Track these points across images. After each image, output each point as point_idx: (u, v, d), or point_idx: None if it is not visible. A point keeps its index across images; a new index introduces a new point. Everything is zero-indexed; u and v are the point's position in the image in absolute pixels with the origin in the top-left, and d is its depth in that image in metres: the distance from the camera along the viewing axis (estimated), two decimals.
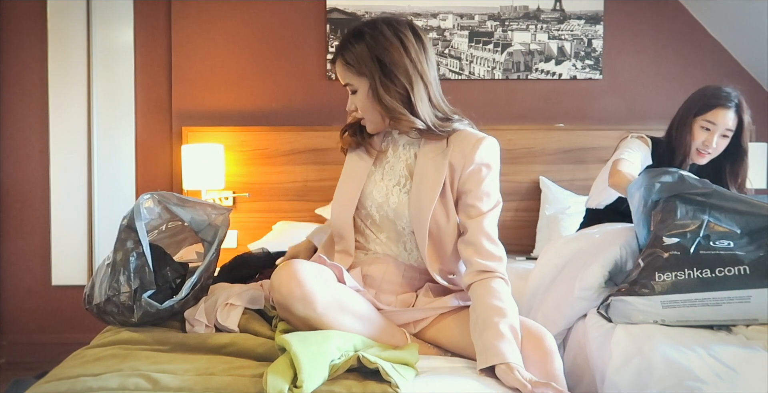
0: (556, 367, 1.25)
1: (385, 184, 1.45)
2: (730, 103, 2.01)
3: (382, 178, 1.46)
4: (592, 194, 2.25)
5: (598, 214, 2.17)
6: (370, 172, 1.47)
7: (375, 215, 1.45)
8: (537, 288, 1.95)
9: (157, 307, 1.30)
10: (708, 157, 2.05)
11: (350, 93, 1.43)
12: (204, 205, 1.48)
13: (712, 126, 2.01)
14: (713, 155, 2.06)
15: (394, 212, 1.42)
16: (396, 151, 1.48)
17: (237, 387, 1.07)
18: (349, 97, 1.43)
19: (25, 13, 2.96)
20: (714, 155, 2.06)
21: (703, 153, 2.04)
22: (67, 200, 2.97)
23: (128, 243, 1.34)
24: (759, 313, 1.49)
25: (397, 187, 1.44)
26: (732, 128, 2.01)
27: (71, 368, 1.16)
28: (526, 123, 3.03)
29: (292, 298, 1.18)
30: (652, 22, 3.07)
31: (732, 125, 2.01)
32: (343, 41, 1.41)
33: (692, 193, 1.64)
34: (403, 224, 1.42)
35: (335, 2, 3.00)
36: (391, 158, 1.48)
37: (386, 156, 1.48)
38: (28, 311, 2.99)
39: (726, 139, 2.03)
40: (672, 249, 1.55)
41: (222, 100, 3.03)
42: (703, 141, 2.02)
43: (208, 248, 1.42)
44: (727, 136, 2.02)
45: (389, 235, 1.45)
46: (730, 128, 2.01)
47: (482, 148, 1.38)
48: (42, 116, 2.97)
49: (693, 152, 2.06)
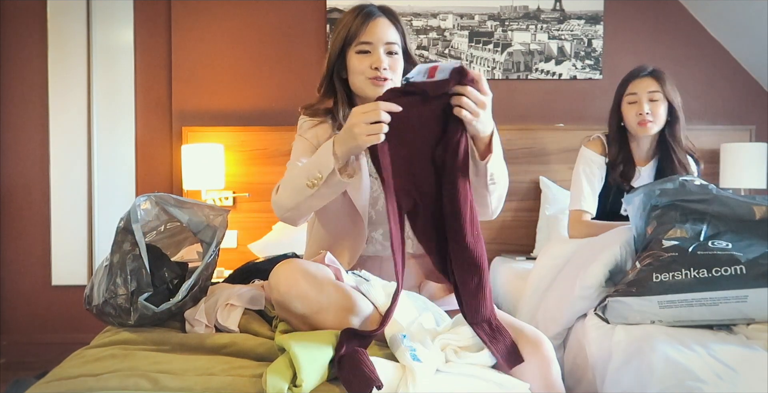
0: (554, 373, 1.25)
1: (374, 178, 1.46)
2: (643, 72, 2.11)
3: (370, 174, 1.47)
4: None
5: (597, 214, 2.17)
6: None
7: (371, 212, 1.45)
8: (537, 287, 1.95)
9: (154, 310, 1.30)
10: (651, 124, 2.07)
11: (385, 53, 1.43)
12: (201, 206, 1.48)
13: (635, 96, 2.08)
14: (656, 123, 2.07)
15: None
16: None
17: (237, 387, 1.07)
18: (381, 55, 1.42)
19: (25, 13, 2.96)
20: (657, 122, 2.07)
21: (644, 122, 2.07)
22: (67, 200, 2.97)
23: (125, 245, 1.34)
24: (756, 313, 1.49)
25: None
26: (657, 90, 2.06)
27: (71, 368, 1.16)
28: (526, 123, 3.03)
29: (291, 296, 1.18)
30: (652, 22, 3.07)
31: (654, 87, 2.06)
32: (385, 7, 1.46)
33: (692, 199, 1.64)
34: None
35: (335, 2, 3.00)
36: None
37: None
38: (28, 311, 2.99)
39: (658, 103, 2.06)
40: (671, 251, 1.56)
41: (222, 100, 3.03)
42: (636, 112, 2.07)
43: (206, 249, 1.42)
44: (657, 99, 2.06)
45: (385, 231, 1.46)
46: (653, 91, 2.06)
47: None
48: (42, 116, 2.97)
49: (635, 127, 2.09)
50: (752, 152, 2.81)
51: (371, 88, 1.43)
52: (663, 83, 2.07)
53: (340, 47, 1.45)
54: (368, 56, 1.42)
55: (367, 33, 1.41)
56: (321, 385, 1.08)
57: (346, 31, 1.43)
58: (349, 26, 1.42)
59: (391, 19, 1.44)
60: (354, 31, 1.41)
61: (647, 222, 1.68)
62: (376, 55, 1.41)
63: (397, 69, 1.44)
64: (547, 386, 1.23)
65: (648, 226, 1.68)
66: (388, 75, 1.42)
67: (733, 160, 2.83)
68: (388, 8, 1.47)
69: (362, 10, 1.43)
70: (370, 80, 1.42)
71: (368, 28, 1.41)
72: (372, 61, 1.41)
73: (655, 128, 2.08)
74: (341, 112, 1.49)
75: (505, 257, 2.72)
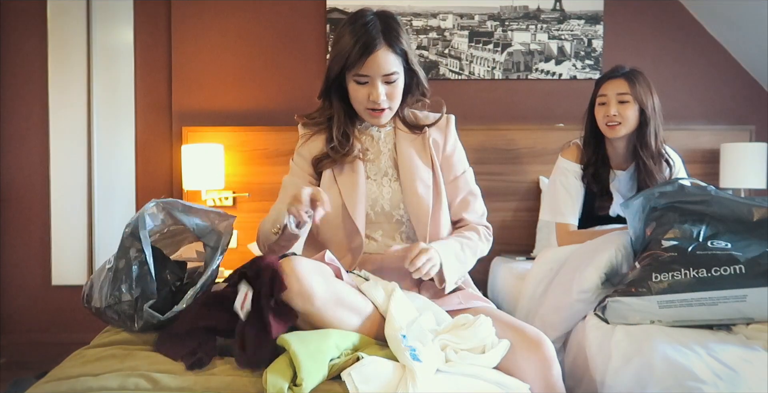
0: (554, 374, 1.25)
1: (373, 180, 1.51)
2: (616, 73, 2.08)
3: (368, 176, 1.51)
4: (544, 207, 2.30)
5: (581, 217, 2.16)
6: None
7: (370, 213, 1.47)
8: (534, 292, 1.94)
9: (159, 318, 1.29)
10: (619, 127, 2.04)
11: (383, 83, 1.42)
12: (208, 211, 1.48)
13: (605, 98, 2.07)
14: (625, 125, 2.04)
15: (389, 203, 1.46)
16: (374, 147, 1.54)
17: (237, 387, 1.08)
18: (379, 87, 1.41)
19: (25, 13, 2.96)
20: (626, 124, 2.04)
21: (612, 125, 2.05)
22: (67, 200, 2.97)
23: (131, 251, 1.33)
24: (755, 313, 1.49)
25: (385, 178, 1.51)
26: (626, 92, 2.03)
27: (71, 368, 1.16)
28: (526, 123, 3.03)
29: (291, 293, 1.18)
30: (652, 22, 3.07)
31: (624, 90, 2.03)
32: (387, 25, 1.41)
33: (690, 201, 1.64)
34: (401, 212, 1.48)
35: (335, 2, 3.00)
36: (371, 156, 1.53)
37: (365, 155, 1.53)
38: (28, 311, 2.98)
39: (627, 105, 2.03)
40: (670, 251, 1.56)
41: (222, 100, 3.03)
42: (604, 113, 2.06)
43: (212, 255, 1.41)
44: (626, 101, 2.03)
45: (384, 231, 1.48)
46: (623, 92, 2.03)
47: (452, 123, 1.59)
48: (42, 116, 2.97)
49: (604, 129, 2.07)
50: (752, 152, 2.81)
51: (369, 119, 1.48)
52: (634, 85, 2.02)
53: (338, 70, 1.43)
54: (366, 87, 1.43)
55: (366, 67, 1.39)
56: (321, 385, 1.08)
57: (344, 59, 1.40)
58: (348, 54, 1.39)
59: (392, 45, 1.40)
60: (352, 62, 1.39)
61: (646, 223, 1.69)
62: (374, 88, 1.41)
63: (395, 95, 1.45)
64: (547, 386, 1.23)
65: (647, 228, 1.68)
66: (386, 105, 1.45)
67: (733, 160, 2.83)
68: (390, 25, 1.41)
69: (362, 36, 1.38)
70: (367, 111, 1.46)
71: (367, 62, 1.39)
72: (369, 93, 1.42)
73: (623, 131, 2.05)
74: (335, 128, 1.51)
75: (505, 257, 2.72)
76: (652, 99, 2.04)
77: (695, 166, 2.87)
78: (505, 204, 2.89)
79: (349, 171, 1.50)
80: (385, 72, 1.41)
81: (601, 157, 2.12)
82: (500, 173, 2.91)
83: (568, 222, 2.10)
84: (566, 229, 2.09)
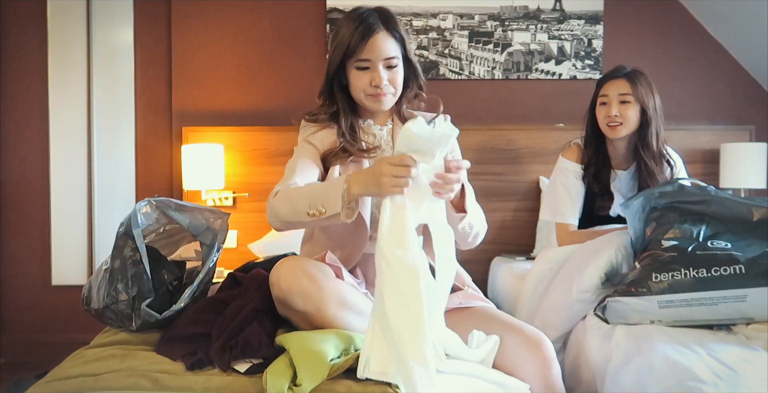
0: (554, 373, 1.25)
1: None
2: (618, 73, 2.08)
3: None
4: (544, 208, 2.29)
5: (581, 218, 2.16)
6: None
7: (375, 212, 1.46)
8: (534, 291, 1.94)
9: (156, 316, 1.29)
10: (620, 127, 2.04)
11: (385, 68, 1.43)
12: (202, 209, 1.48)
13: (607, 98, 2.06)
14: (626, 126, 2.04)
15: None
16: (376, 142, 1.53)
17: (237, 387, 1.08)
18: (380, 72, 1.42)
19: (25, 13, 2.96)
20: (627, 125, 2.04)
21: (613, 125, 2.05)
22: (67, 200, 2.97)
23: (126, 250, 1.34)
24: (755, 312, 1.49)
25: None
26: (627, 93, 2.03)
27: (71, 368, 1.16)
28: (526, 123, 3.03)
29: (291, 293, 1.18)
30: (652, 22, 3.07)
31: (626, 90, 2.03)
32: (384, 15, 1.44)
33: (690, 201, 1.64)
34: None
35: (335, 2, 3.00)
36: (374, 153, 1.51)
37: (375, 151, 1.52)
38: (28, 311, 2.98)
39: (628, 105, 2.03)
40: (670, 251, 1.56)
41: (222, 100, 3.03)
42: (605, 113, 2.06)
43: (207, 253, 1.41)
44: (628, 101, 2.03)
45: None
46: (624, 93, 2.03)
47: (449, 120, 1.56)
48: (42, 116, 2.97)
49: (605, 129, 2.07)
50: (752, 152, 2.81)
51: (372, 103, 1.46)
52: (636, 86, 2.02)
53: (339, 59, 1.44)
54: (368, 72, 1.43)
55: (367, 50, 1.40)
56: (321, 385, 1.08)
57: (345, 46, 1.41)
58: (348, 41, 1.41)
59: (390, 30, 1.43)
60: (353, 47, 1.40)
61: (646, 223, 1.69)
62: (376, 72, 1.42)
63: (397, 81, 1.46)
64: (547, 386, 1.24)
65: (647, 228, 1.68)
66: (388, 90, 1.45)
67: (733, 160, 2.83)
68: (387, 14, 1.45)
69: (361, 23, 1.41)
70: (369, 96, 1.45)
71: (367, 46, 1.40)
72: (371, 78, 1.42)
73: (624, 131, 2.04)
74: (343, 121, 1.50)
75: (505, 257, 2.72)
76: (654, 99, 2.05)
77: (695, 166, 2.87)
78: (505, 204, 2.89)
79: (355, 169, 1.50)
80: (386, 55, 1.42)
81: (601, 157, 2.12)
82: (500, 173, 2.91)
83: (568, 222, 2.09)
84: (566, 229, 2.09)
